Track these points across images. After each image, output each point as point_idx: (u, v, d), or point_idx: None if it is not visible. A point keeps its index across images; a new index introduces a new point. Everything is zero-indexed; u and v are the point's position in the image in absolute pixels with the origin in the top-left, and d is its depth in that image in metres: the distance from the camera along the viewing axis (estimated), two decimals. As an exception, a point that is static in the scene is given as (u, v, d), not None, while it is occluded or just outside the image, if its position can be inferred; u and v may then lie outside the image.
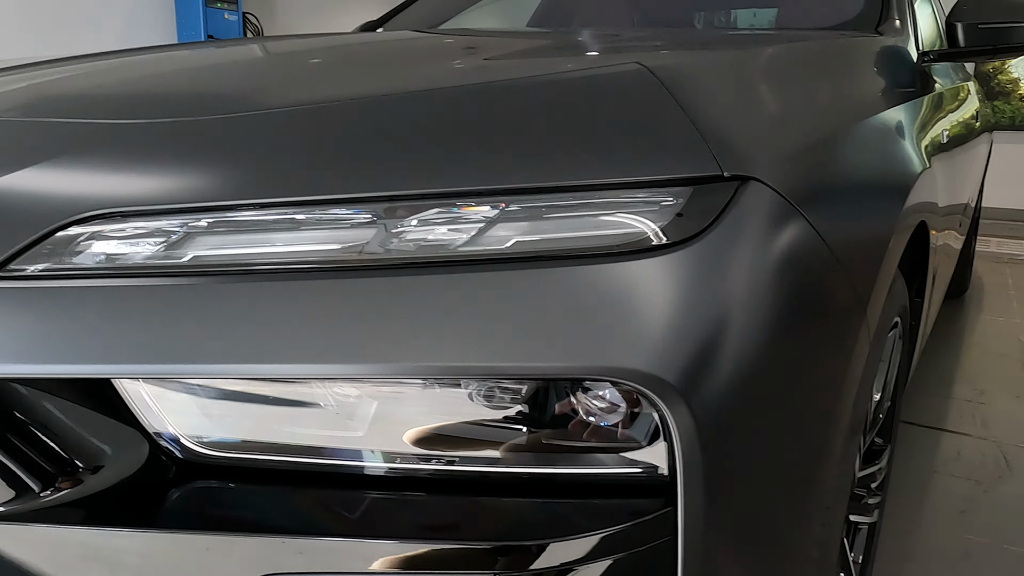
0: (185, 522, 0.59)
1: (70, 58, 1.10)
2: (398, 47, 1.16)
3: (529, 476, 0.62)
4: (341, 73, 0.86)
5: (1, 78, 0.98)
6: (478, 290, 0.56)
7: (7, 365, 0.56)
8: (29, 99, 0.78)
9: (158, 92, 0.79)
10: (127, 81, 0.84)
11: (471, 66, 0.87)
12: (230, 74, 0.86)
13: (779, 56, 0.94)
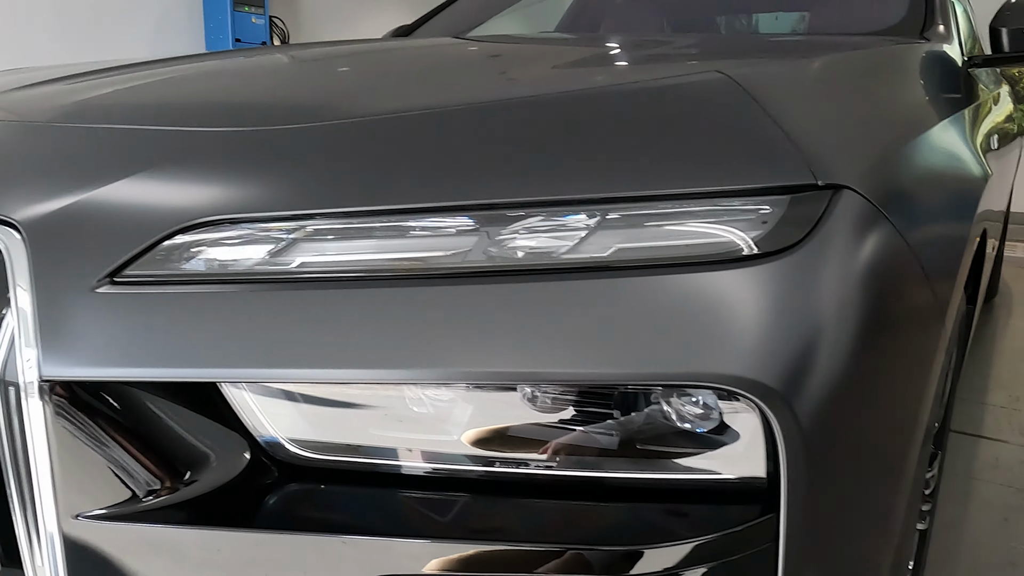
0: (288, 523, 0.60)
1: (134, 64, 1.11)
2: (463, 54, 1.17)
3: (621, 481, 0.62)
4: (425, 80, 0.87)
5: (73, 84, 1.00)
6: (580, 297, 0.57)
7: (120, 369, 0.57)
8: (119, 106, 0.80)
9: (247, 99, 0.81)
10: (213, 88, 0.86)
11: (546, 74, 0.88)
12: (315, 81, 0.88)
13: (848, 63, 0.94)
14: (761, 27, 2.41)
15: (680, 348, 0.55)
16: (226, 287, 0.59)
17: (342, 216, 0.60)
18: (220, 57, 1.17)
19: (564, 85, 0.77)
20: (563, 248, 0.59)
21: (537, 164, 0.62)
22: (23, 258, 0.60)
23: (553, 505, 0.61)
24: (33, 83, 1.05)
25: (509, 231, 0.60)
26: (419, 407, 0.63)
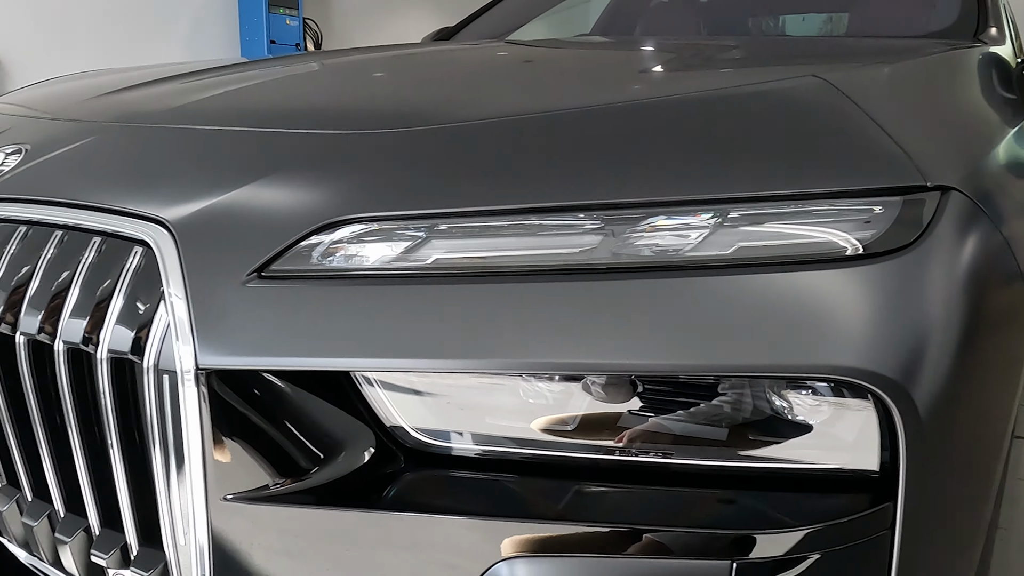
0: (415, 505, 0.63)
1: (228, 66, 1.15)
2: (548, 58, 1.20)
3: (728, 470, 0.65)
4: (533, 84, 0.90)
5: (179, 86, 1.04)
6: (705, 293, 0.60)
7: (268, 358, 0.61)
8: (244, 110, 0.83)
9: (367, 102, 0.84)
10: (327, 91, 0.89)
11: (645, 79, 0.90)
12: (424, 84, 0.91)
13: (925, 66, 0.96)
14: (789, 29, 2.41)
15: (804, 342, 0.58)
16: (365, 282, 0.62)
17: (474, 215, 0.63)
18: (313, 59, 1.21)
19: (669, 89, 0.80)
20: (687, 246, 0.62)
21: (658, 165, 0.65)
22: (173, 254, 0.63)
23: (665, 492, 0.64)
24: (132, 85, 1.09)
25: (634, 230, 0.62)
26: (536, 398, 0.66)
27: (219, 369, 0.60)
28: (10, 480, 0.80)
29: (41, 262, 0.70)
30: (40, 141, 0.86)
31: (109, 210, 0.68)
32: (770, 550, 0.60)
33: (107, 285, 0.65)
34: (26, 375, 0.71)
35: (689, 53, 1.12)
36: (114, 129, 0.85)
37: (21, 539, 0.82)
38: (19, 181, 0.79)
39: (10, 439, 0.76)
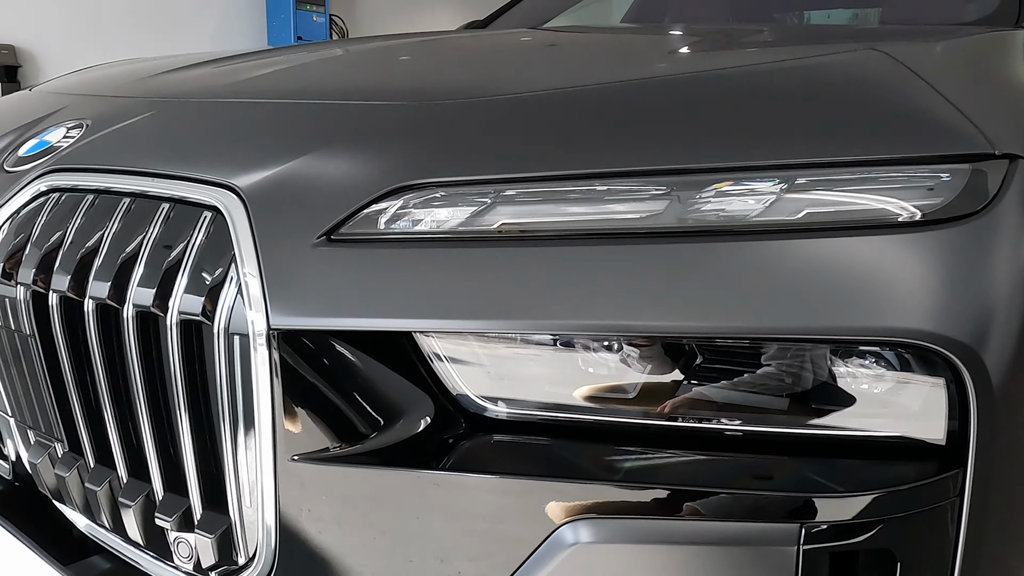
0: (480, 467, 0.64)
1: (275, 49, 1.17)
2: (597, 40, 1.20)
3: (790, 437, 0.65)
4: (588, 60, 0.90)
5: (228, 67, 1.05)
6: (774, 257, 0.60)
7: (338, 319, 0.62)
8: (303, 84, 0.84)
9: (427, 77, 0.85)
10: (384, 68, 0.90)
11: (709, 54, 0.90)
12: (481, 61, 0.91)
13: (982, 43, 0.96)
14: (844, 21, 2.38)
15: (875, 307, 0.58)
16: (431, 245, 0.62)
17: (540, 180, 0.64)
18: (358, 43, 1.22)
19: (732, 62, 0.80)
20: (753, 211, 0.62)
21: (725, 132, 0.65)
22: (244, 219, 0.64)
23: (728, 458, 0.64)
24: (180, 67, 1.10)
25: (700, 195, 0.62)
26: (597, 365, 0.66)
27: (288, 331, 0.61)
28: (72, 447, 0.82)
29: (109, 229, 0.71)
30: (99, 117, 0.88)
31: (178, 177, 0.70)
32: (837, 514, 0.59)
33: (177, 250, 0.66)
34: (93, 341, 0.72)
35: (743, 34, 1.12)
36: (174, 103, 0.86)
37: (82, 505, 0.83)
38: (83, 153, 0.80)
39: (74, 405, 0.78)
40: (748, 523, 0.59)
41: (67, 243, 0.73)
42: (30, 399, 0.82)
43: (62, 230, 0.74)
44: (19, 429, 0.87)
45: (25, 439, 0.87)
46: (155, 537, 0.77)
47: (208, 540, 0.70)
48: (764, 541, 0.58)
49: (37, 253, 0.75)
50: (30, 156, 0.85)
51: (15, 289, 0.77)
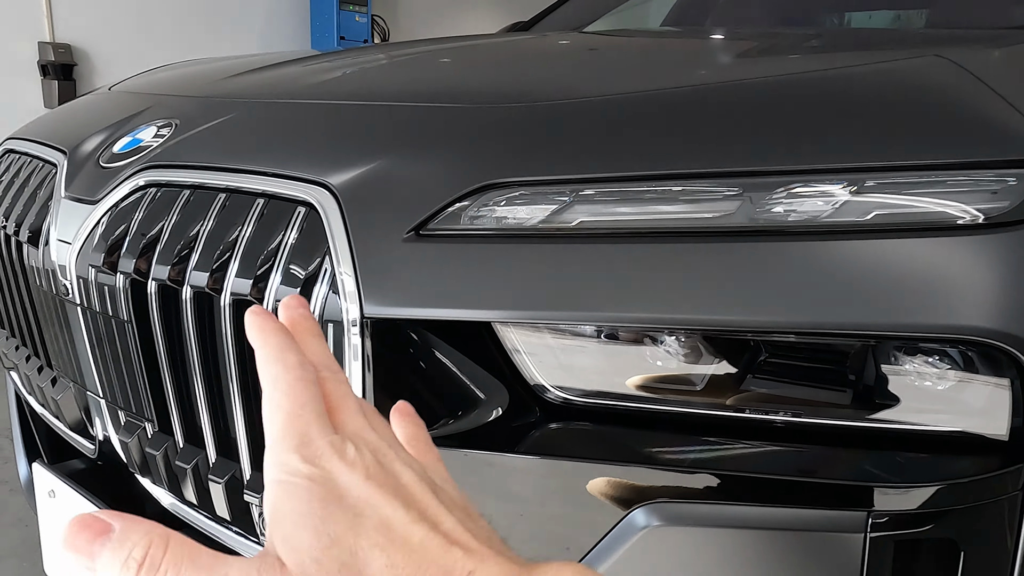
0: (559, 453, 0.67)
1: (338, 52, 1.21)
2: (647, 45, 1.23)
3: (853, 430, 0.67)
4: (654, 64, 0.93)
5: (298, 68, 1.10)
6: (843, 256, 0.62)
7: (426, 309, 0.65)
8: (382, 87, 0.89)
9: (501, 81, 0.89)
10: (455, 71, 0.94)
11: (764, 59, 0.93)
12: (549, 65, 0.95)
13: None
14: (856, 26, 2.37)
15: (942, 305, 0.60)
16: (513, 241, 0.66)
17: (617, 180, 0.67)
18: (417, 46, 1.26)
19: (802, 67, 0.83)
20: (823, 212, 0.64)
21: (794, 136, 0.68)
22: (337, 214, 0.68)
23: (794, 449, 0.67)
24: (255, 69, 1.15)
25: (772, 196, 0.65)
26: (667, 359, 0.69)
27: (379, 320, 0.65)
28: (162, 427, 0.87)
29: (206, 222, 0.76)
30: (187, 116, 0.93)
31: (272, 174, 0.74)
32: (903, 504, 0.62)
33: (272, 242, 0.71)
34: (189, 327, 0.77)
35: (799, 39, 1.14)
36: (259, 104, 0.91)
37: (168, 482, 0.89)
38: (177, 150, 0.85)
39: (167, 388, 0.83)
40: (816, 510, 0.62)
41: (166, 235, 0.78)
42: (123, 381, 0.88)
43: (161, 223, 0.79)
44: (110, 410, 0.92)
45: (115, 419, 0.92)
46: (240, 513, 0.82)
47: (295, 516, 0.74)
48: (832, 528, 0.61)
49: (137, 244, 0.80)
50: (124, 153, 0.90)
51: (115, 277, 0.82)
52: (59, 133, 1.06)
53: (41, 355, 1.07)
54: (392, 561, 0.33)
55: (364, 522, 0.33)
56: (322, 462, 0.35)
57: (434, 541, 0.34)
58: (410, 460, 0.38)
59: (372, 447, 0.37)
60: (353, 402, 0.39)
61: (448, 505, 0.37)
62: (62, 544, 0.33)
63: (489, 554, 0.34)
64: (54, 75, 3.98)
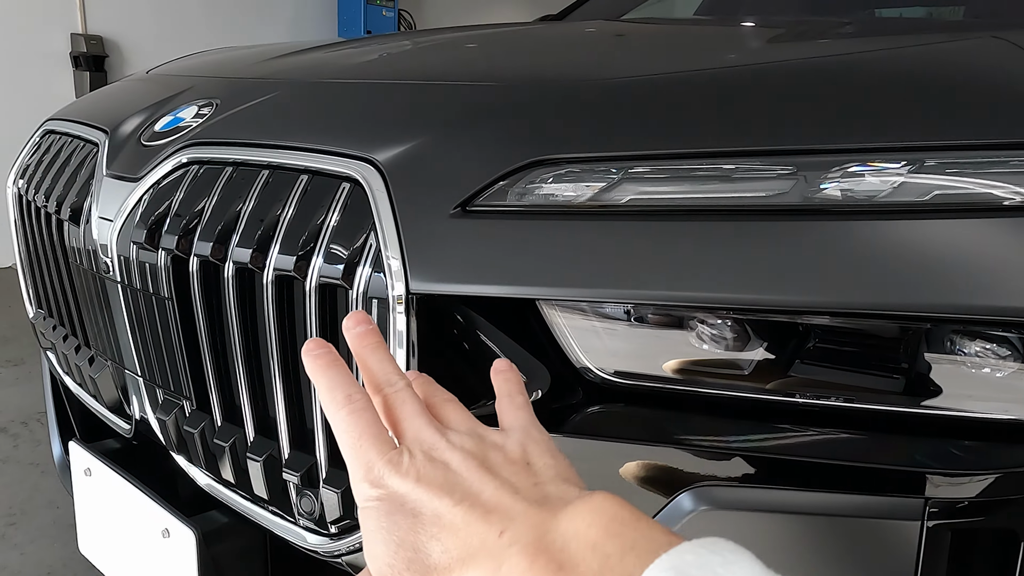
0: (604, 434, 0.66)
1: (376, 37, 1.21)
2: (689, 30, 1.21)
3: (913, 416, 0.65)
4: (701, 47, 0.92)
5: (339, 51, 1.09)
6: (901, 237, 0.61)
7: (473, 286, 0.64)
8: (427, 67, 0.88)
9: (546, 61, 0.88)
10: (498, 53, 0.93)
11: (814, 42, 0.91)
12: (592, 46, 0.94)
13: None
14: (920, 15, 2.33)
15: (1003, 287, 0.58)
16: (560, 217, 0.65)
17: (668, 158, 0.66)
18: (453, 32, 1.25)
19: (853, 48, 0.81)
20: (881, 192, 0.62)
21: (850, 114, 0.66)
22: (383, 190, 0.68)
23: (848, 434, 0.65)
24: (292, 52, 1.15)
25: (826, 175, 0.63)
26: (714, 341, 0.68)
27: (425, 296, 0.64)
28: (200, 405, 0.87)
29: (249, 199, 0.76)
30: (228, 96, 0.93)
31: (316, 150, 0.74)
32: (961, 492, 0.60)
33: (316, 218, 0.70)
34: (230, 304, 0.77)
35: (848, 24, 1.12)
36: (301, 83, 0.91)
37: (206, 461, 0.89)
38: (219, 128, 0.85)
39: (206, 366, 0.83)
40: (871, 496, 0.60)
41: (208, 212, 0.78)
42: (161, 359, 0.88)
43: (203, 200, 0.79)
44: (148, 388, 0.93)
45: (153, 398, 0.92)
46: (278, 492, 0.82)
47: (334, 495, 0.74)
48: (888, 515, 0.59)
49: (179, 221, 0.80)
50: (166, 132, 0.90)
51: (156, 255, 0.82)
52: (100, 113, 1.06)
53: (79, 334, 1.08)
54: (445, 546, 0.37)
55: (421, 520, 0.38)
56: (384, 481, 0.39)
57: (474, 516, 0.37)
58: (462, 439, 0.42)
59: (426, 446, 0.41)
60: (410, 407, 0.43)
61: (496, 467, 0.40)
62: None
63: (520, 508, 0.37)
64: (86, 66, 4.02)
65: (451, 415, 0.46)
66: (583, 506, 0.36)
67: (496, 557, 0.35)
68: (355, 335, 0.46)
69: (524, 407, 0.49)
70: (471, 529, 0.36)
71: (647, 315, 0.68)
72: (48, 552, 1.66)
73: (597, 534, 0.34)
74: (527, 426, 0.46)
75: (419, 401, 0.44)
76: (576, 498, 0.37)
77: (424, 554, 0.37)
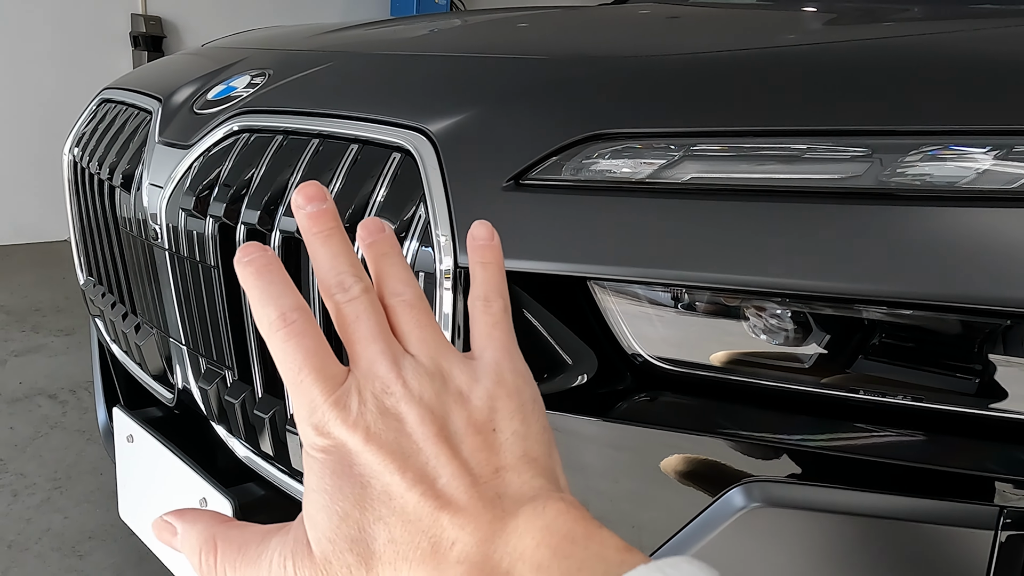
0: (657, 422, 0.63)
1: (427, 16, 1.19)
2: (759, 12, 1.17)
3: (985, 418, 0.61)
4: (770, 26, 0.88)
5: (394, 27, 1.08)
6: (984, 226, 0.57)
7: (524, 262, 0.62)
8: (485, 42, 0.86)
9: (606, 36, 0.85)
10: (556, 30, 0.91)
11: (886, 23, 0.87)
12: (655, 25, 0.91)
13: None
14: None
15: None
16: (619, 194, 0.62)
17: (734, 135, 0.62)
18: (515, 11, 1.23)
19: (931, 29, 0.77)
20: (964, 178, 0.58)
21: (931, 95, 0.62)
22: (434, 161, 0.66)
23: (916, 435, 0.61)
24: (348, 27, 1.14)
25: (904, 159, 0.60)
26: (773, 333, 0.64)
27: (475, 270, 0.62)
28: (242, 376, 0.86)
29: (298, 168, 0.75)
30: (280, 67, 0.92)
31: (367, 120, 0.72)
32: (1016, 499, 0.56)
33: (366, 188, 0.69)
34: (275, 274, 0.76)
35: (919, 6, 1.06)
36: (354, 55, 0.89)
37: (245, 432, 0.88)
38: (271, 97, 0.84)
39: (249, 335, 0.82)
40: (941, 502, 0.56)
41: (257, 180, 0.77)
42: (205, 328, 0.88)
43: (252, 168, 0.78)
44: (191, 357, 0.92)
45: (196, 367, 0.92)
46: (315, 467, 0.81)
47: (372, 471, 0.72)
48: (958, 522, 0.56)
49: (228, 189, 0.79)
50: (218, 100, 0.90)
51: (203, 222, 0.81)
52: (154, 82, 1.07)
53: (127, 302, 1.09)
54: (392, 536, 0.31)
55: (369, 493, 0.32)
56: (329, 428, 0.32)
57: (426, 507, 0.31)
58: (420, 381, 0.34)
59: (379, 386, 0.33)
60: (365, 324, 0.34)
61: (457, 437, 0.33)
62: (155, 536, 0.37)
63: (473, 509, 0.31)
64: (144, 46, 4.10)
65: (413, 328, 0.35)
66: (535, 521, 0.31)
67: (441, 572, 0.31)
68: (305, 216, 0.36)
69: (501, 320, 0.39)
70: (421, 525, 0.31)
71: (703, 301, 0.64)
72: (90, 517, 1.69)
73: (544, 555, 0.30)
74: (500, 358, 0.37)
75: (377, 313, 0.35)
76: (531, 500, 0.32)
77: (369, 537, 0.31)
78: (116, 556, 1.56)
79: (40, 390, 2.29)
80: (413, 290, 0.37)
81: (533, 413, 0.36)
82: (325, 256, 0.35)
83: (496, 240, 0.42)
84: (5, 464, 1.89)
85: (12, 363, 2.48)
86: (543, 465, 0.34)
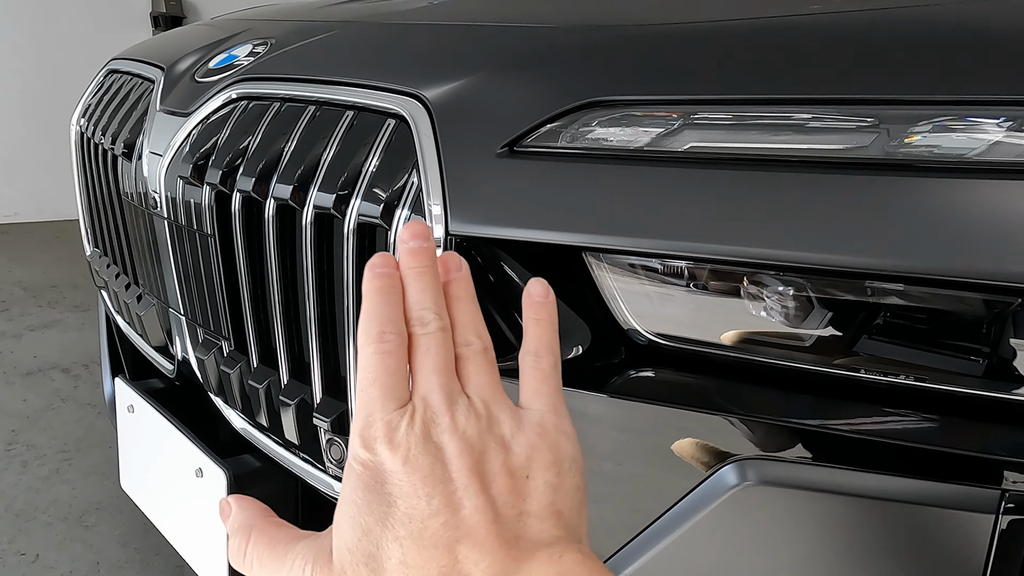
0: (647, 396, 0.62)
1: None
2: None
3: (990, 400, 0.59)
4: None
5: None
6: (993, 199, 0.54)
7: (517, 230, 0.61)
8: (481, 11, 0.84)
9: (608, 6, 0.83)
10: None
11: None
12: None
13: None
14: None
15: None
16: (614, 162, 0.61)
17: (735, 104, 0.61)
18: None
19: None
20: (974, 149, 0.56)
21: (944, 63, 0.60)
22: (428, 127, 0.64)
23: (917, 416, 0.60)
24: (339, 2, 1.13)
25: (912, 129, 0.57)
26: (771, 309, 0.62)
27: (466, 238, 0.61)
28: (238, 346, 0.86)
29: (294, 135, 0.74)
30: (283, 36, 0.91)
31: (364, 86, 0.71)
32: (1023, 484, 0.54)
33: (359, 155, 0.68)
34: (270, 242, 0.75)
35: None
36: (355, 24, 0.88)
37: (241, 403, 0.88)
38: (271, 65, 0.83)
39: (245, 305, 0.81)
40: (941, 483, 0.54)
41: (253, 147, 0.76)
42: (203, 298, 0.87)
43: (249, 136, 0.77)
44: (189, 327, 0.92)
45: (194, 337, 0.92)
46: (309, 439, 0.80)
47: (363, 443, 0.71)
48: (958, 505, 0.54)
49: (224, 156, 0.78)
50: (219, 68, 0.89)
51: (201, 190, 0.81)
52: (159, 53, 1.06)
53: (130, 273, 1.09)
54: (405, 558, 0.33)
55: (393, 513, 0.33)
56: (375, 445, 0.35)
57: (444, 537, 0.33)
58: (467, 419, 0.36)
59: (429, 415, 0.35)
60: (432, 359, 0.37)
61: (490, 475, 0.35)
62: None
63: (489, 546, 0.33)
64: (164, 26, 4.12)
65: (473, 373, 0.39)
66: (550, 568, 0.33)
67: None
68: (406, 251, 0.40)
69: (551, 376, 0.41)
70: (435, 554, 0.32)
71: (702, 275, 0.63)
72: (97, 489, 1.71)
73: None
74: (545, 412, 0.39)
75: (447, 351, 0.38)
76: (547, 546, 0.34)
77: (384, 555, 0.33)
78: (122, 527, 1.58)
79: (54, 364, 2.32)
80: (482, 341, 0.40)
81: (569, 471, 0.38)
82: (414, 290, 0.39)
83: (551, 297, 0.45)
84: (16, 435, 1.91)
85: (28, 337, 2.51)
86: (568, 520, 0.36)
